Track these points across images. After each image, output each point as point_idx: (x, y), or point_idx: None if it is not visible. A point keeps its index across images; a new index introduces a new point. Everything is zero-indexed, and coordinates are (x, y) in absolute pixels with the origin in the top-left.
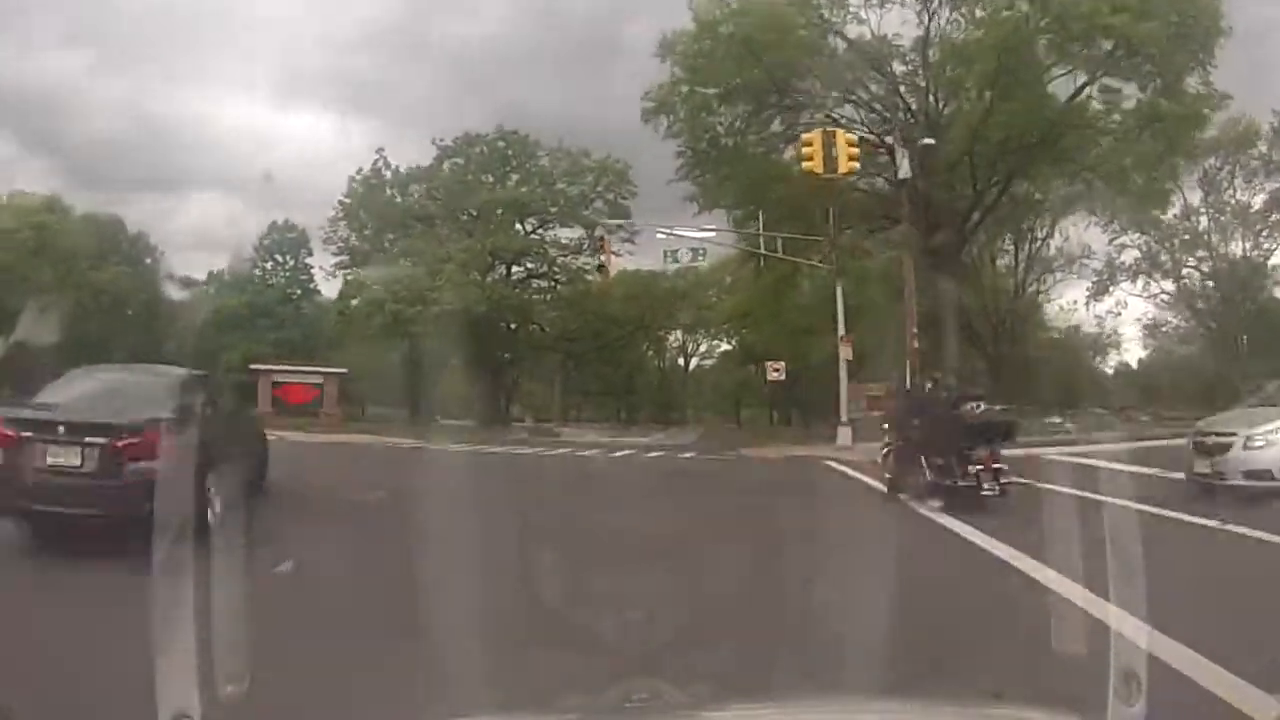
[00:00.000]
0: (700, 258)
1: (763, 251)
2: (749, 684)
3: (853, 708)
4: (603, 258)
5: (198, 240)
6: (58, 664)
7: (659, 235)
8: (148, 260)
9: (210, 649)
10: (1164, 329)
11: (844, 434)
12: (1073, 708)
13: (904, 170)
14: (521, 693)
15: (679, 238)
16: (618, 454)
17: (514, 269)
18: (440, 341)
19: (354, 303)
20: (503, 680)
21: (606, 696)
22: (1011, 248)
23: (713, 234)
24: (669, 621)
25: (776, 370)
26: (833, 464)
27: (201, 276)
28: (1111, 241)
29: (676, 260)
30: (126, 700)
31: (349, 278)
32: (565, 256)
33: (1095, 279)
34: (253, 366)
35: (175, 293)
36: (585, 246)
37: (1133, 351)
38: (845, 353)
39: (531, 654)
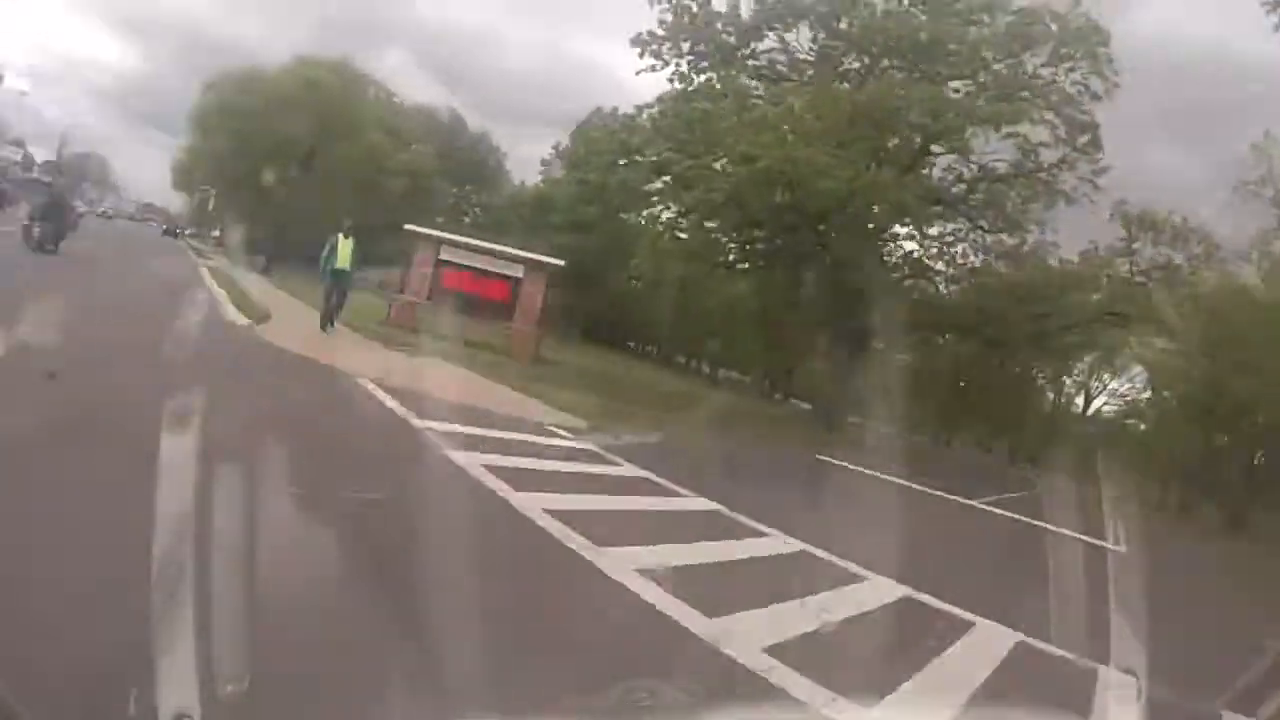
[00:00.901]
0: None
1: None
2: None
3: (853, 709)
4: None
5: None
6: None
7: None
8: (490, 162)
9: (210, 648)
10: None
11: None
12: (1073, 708)
13: None
14: None
15: None
16: None
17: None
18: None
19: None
20: None
21: (606, 696)
22: None
23: None
24: None
25: None
26: None
27: None
28: None
29: None
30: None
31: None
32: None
33: None
34: (409, 228)
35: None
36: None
37: None
38: None
39: None
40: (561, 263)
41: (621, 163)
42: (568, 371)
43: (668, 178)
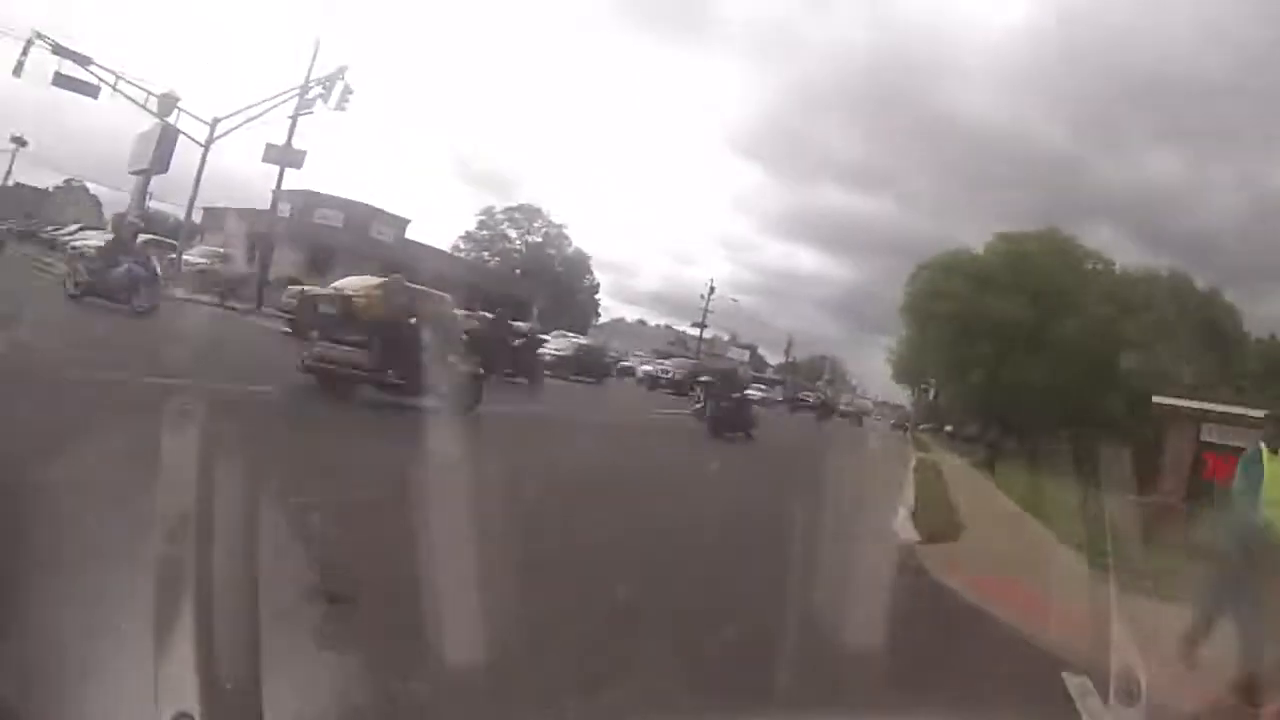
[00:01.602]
0: None
1: None
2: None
3: (853, 716)
4: None
5: None
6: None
7: None
8: (1225, 323)
9: (212, 646)
10: None
11: None
12: (1073, 709)
13: None
14: None
15: None
16: None
17: None
18: None
19: None
20: None
21: (607, 697)
22: None
23: None
24: None
25: None
26: None
27: None
28: None
29: None
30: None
31: None
32: None
33: None
34: (1159, 400)
35: None
36: None
37: None
38: None
39: None
40: None
41: None
42: None
43: None
